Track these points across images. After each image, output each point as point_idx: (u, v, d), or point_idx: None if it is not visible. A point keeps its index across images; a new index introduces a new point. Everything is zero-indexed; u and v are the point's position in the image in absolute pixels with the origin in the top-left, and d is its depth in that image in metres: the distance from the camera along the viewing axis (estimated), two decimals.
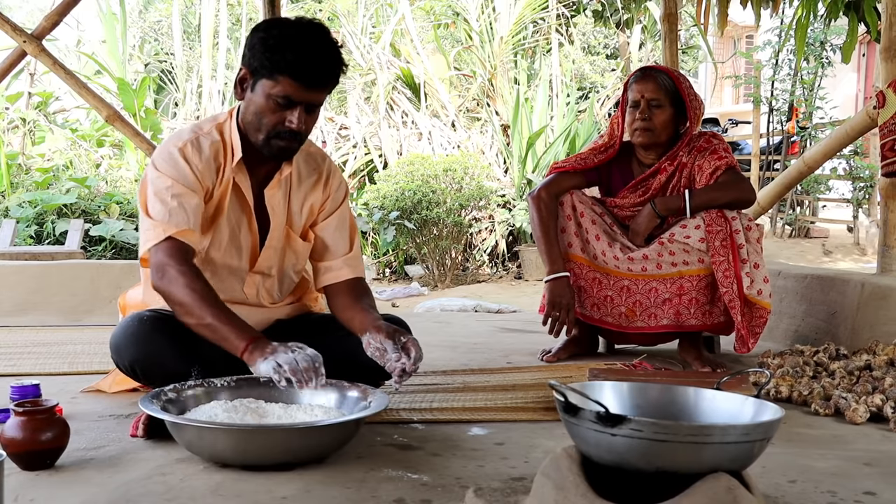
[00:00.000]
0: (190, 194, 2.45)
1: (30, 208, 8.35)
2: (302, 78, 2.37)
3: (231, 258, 2.62)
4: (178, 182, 2.45)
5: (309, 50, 2.37)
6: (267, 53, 2.37)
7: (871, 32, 5.33)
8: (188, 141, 2.51)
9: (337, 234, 2.70)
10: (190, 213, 2.43)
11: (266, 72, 2.38)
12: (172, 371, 2.37)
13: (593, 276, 3.51)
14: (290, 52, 2.35)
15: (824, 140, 5.40)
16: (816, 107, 12.35)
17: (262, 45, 2.39)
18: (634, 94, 3.49)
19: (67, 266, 5.05)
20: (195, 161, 2.48)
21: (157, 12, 16.27)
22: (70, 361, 3.55)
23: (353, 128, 11.96)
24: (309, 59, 2.36)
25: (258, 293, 2.69)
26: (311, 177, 2.67)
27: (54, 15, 5.44)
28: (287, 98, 2.38)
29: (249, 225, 2.60)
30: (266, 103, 2.40)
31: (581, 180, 3.62)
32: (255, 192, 2.59)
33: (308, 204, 2.67)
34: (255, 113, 2.43)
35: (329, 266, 2.68)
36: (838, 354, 3.38)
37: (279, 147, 2.45)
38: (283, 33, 2.39)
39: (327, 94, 2.49)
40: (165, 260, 2.37)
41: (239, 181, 2.55)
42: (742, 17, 11.97)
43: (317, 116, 2.50)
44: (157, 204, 2.44)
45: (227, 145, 2.54)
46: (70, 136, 10.92)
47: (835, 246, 11.66)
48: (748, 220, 3.38)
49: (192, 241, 2.43)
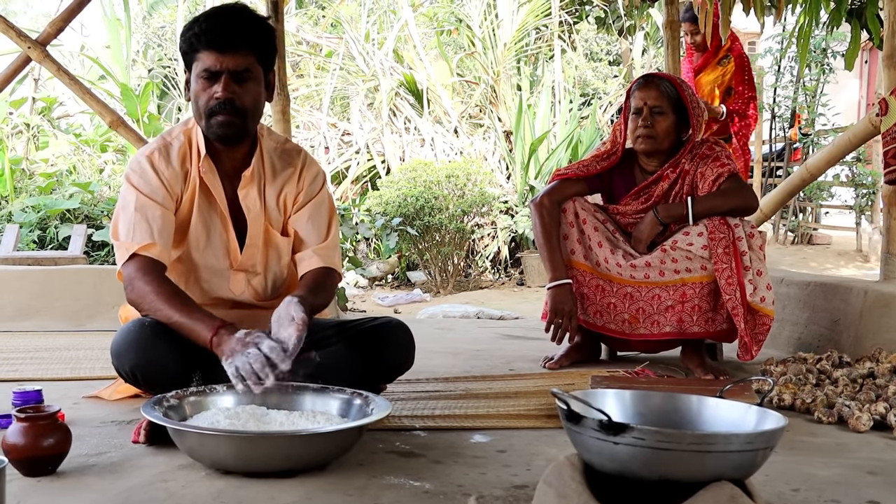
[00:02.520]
0: (153, 206, 2.52)
1: (33, 213, 8.35)
2: (212, 44, 2.43)
3: (211, 258, 2.65)
4: (143, 194, 2.52)
5: (215, 18, 2.47)
6: (184, 39, 2.49)
7: (873, 40, 5.33)
8: (156, 148, 2.59)
9: (310, 224, 2.69)
10: (153, 225, 2.50)
11: (190, 56, 2.48)
12: (174, 377, 2.37)
13: (596, 283, 3.51)
14: (197, 26, 2.46)
15: (827, 147, 5.39)
16: (819, 113, 12.34)
17: (181, 36, 2.51)
18: (637, 102, 3.49)
19: (70, 271, 5.06)
20: (162, 168, 2.55)
21: (160, 18, 16.28)
22: (72, 367, 3.55)
23: (356, 134, 11.97)
24: (216, 25, 2.45)
25: (246, 291, 2.70)
26: (286, 171, 2.69)
27: (59, 21, 5.45)
28: (208, 70, 2.45)
29: (224, 224, 2.63)
30: (197, 85, 2.48)
31: (583, 187, 3.62)
32: (231, 193, 2.62)
33: (283, 198, 2.69)
34: (194, 100, 2.51)
35: (302, 256, 2.69)
36: (841, 362, 3.37)
37: (219, 123, 2.48)
38: (194, 19, 2.51)
39: (255, 62, 2.51)
40: (133, 274, 2.46)
41: (208, 181, 2.59)
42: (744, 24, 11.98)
43: (254, 87, 2.53)
44: (122, 221, 2.53)
45: (192, 146, 2.59)
46: (73, 141, 10.94)
47: (837, 252, 11.64)
48: (751, 228, 3.37)
49: (156, 254, 2.49)
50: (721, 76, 5.65)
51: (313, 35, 13.75)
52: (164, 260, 2.51)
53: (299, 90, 12.63)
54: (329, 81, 12.32)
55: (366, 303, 9.23)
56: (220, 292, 2.67)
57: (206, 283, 2.66)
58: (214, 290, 2.67)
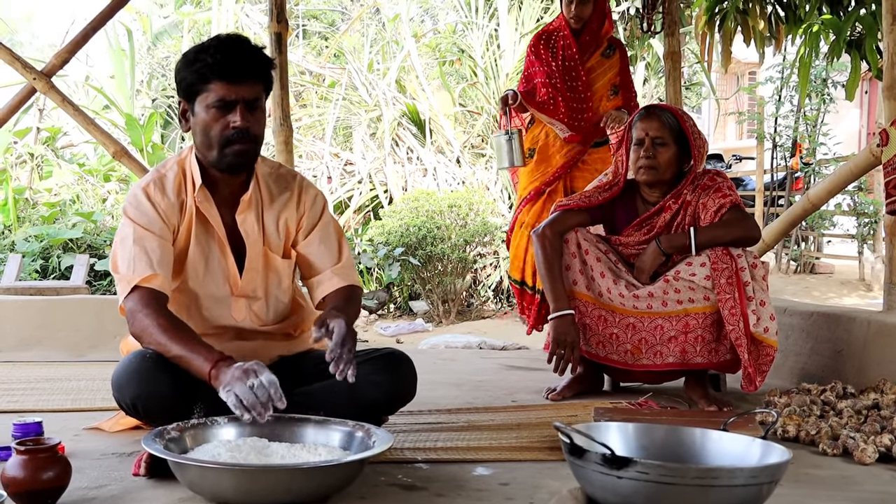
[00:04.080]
0: (151, 237, 2.53)
1: (36, 243, 8.37)
2: (227, 75, 2.47)
3: (211, 286, 2.66)
4: (140, 226, 2.54)
5: (226, 49, 2.50)
6: (191, 70, 2.49)
7: (872, 70, 5.35)
8: (151, 181, 2.61)
9: (322, 248, 2.73)
10: (152, 256, 2.51)
11: (197, 88, 2.50)
12: (174, 409, 2.37)
13: (598, 313, 3.50)
14: (209, 57, 2.47)
15: (828, 178, 5.40)
16: (820, 143, 12.38)
17: (185, 68, 2.52)
18: (638, 133, 3.50)
19: (72, 301, 5.06)
20: (158, 200, 2.58)
21: (165, 48, 16.37)
22: (73, 398, 3.54)
23: (359, 163, 12.00)
24: (228, 56, 2.48)
25: (248, 317, 2.71)
26: (283, 195, 2.71)
27: (64, 53, 5.49)
28: (222, 100, 2.48)
29: (222, 251, 2.65)
30: (207, 116, 2.49)
31: (585, 218, 3.62)
32: (229, 218, 2.64)
33: (283, 223, 2.71)
34: (203, 131, 2.52)
35: (320, 280, 2.72)
36: (845, 393, 3.36)
37: (235, 152, 2.52)
38: (199, 48, 2.53)
39: (262, 91, 2.57)
40: (135, 307, 2.48)
41: (204, 209, 2.61)
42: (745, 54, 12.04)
43: (262, 116, 2.58)
44: (122, 254, 2.54)
45: (187, 177, 2.61)
46: (77, 170, 10.97)
47: (840, 282, 11.63)
48: (753, 258, 3.37)
49: (157, 284, 2.50)
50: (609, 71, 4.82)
51: (316, 65, 13.82)
52: (165, 290, 2.52)
53: (302, 120, 12.68)
54: (332, 111, 12.38)
55: (368, 332, 9.22)
56: (222, 320, 2.68)
57: (208, 310, 2.67)
58: (216, 317, 2.68)
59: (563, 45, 4.78)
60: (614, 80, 4.86)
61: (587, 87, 4.76)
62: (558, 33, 4.82)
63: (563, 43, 4.78)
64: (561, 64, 4.75)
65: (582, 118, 4.70)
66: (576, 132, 4.67)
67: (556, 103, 4.68)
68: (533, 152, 4.80)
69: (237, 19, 13.70)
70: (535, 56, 4.85)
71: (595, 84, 4.80)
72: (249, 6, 14.66)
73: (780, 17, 5.86)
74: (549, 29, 4.90)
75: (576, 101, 4.71)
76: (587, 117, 4.71)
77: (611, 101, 4.76)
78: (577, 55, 4.75)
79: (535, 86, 4.78)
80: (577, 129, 4.68)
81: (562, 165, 4.72)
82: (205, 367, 2.30)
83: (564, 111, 4.67)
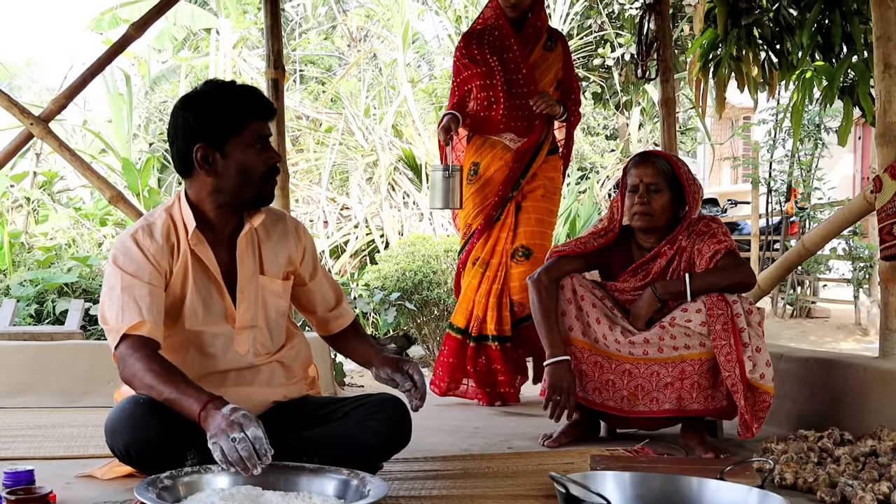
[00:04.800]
0: (139, 284, 2.53)
1: (31, 287, 8.34)
2: (262, 113, 2.60)
3: (210, 324, 2.67)
4: (128, 273, 2.54)
5: (252, 90, 2.63)
6: (223, 113, 2.54)
7: (866, 116, 5.40)
8: (139, 227, 2.63)
9: (327, 283, 2.91)
10: (141, 304, 2.51)
11: (233, 130, 2.54)
12: (168, 455, 2.36)
13: (594, 359, 3.49)
14: (241, 97, 2.57)
15: (823, 223, 5.42)
16: (814, 187, 12.44)
17: (212, 112, 2.55)
18: (633, 179, 3.52)
19: (66, 347, 5.03)
20: (147, 245, 2.58)
21: (162, 93, 16.49)
22: (66, 445, 3.51)
23: (355, 208, 12.03)
24: (259, 96, 2.62)
25: (252, 348, 2.71)
26: (277, 226, 2.80)
27: (62, 98, 5.51)
28: (262, 138, 2.59)
29: (219, 291, 2.67)
30: (247, 155, 2.56)
31: (581, 264, 3.63)
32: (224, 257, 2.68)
33: (283, 253, 2.78)
34: (241, 171, 2.57)
35: (338, 314, 2.92)
36: (843, 440, 3.34)
37: (272, 185, 2.66)
38: (217, 91, 2.60)
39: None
40: (125, 353, 2.49)
41: (199, 252, 2.63)
42: (739, 100, 12.14)
43: None
44: (110, 305, 2.54)
45: (177, 223, 2.63)
46: (73, 214, 10.98)
47: (836, 326, 11.62)
48: (749, 304, 3.37)
49: (146, 331, 2.50)
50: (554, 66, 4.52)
51: (313, 110, 13.90)
52: (155, 336, 2.52)
53: (299, 164, 12.73)
54: (329, 156, 12.42)
55: (364, 377, 9.16)
56: (227, 356, 2.68)
57: (211, 347, 2.66)
58: (220, 354, 2.67)
59: (500, 40, 4.36)
60: (559, 75, 4.50)
61: (531, 83, 4.35)
62: (493, 27, 4.39)
63: (499, 36, 4.35)
64: (500, 60, 4.31)
65: (526, 119, 4.37)
66: (522, 135, 4.35)
67: (496, 105, 4.31)
68: (477, 168, 4.42)
69: (234, 64, 13.80)
70: (469, 58, 4.39)
71: (541, 81, 4.40)
72: (247, 51, 14.78)
73: (774, 63, 5.92)
74: (479, 26, 4.48)
75: (519, 98, 4.35)
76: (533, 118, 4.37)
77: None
78: (518, 49, 4.34)
79: (468, 94, 4.42)
80: (522, 132, 4.35)
81: (503, 181, 4.37)
82: (194, 409, 2.31)
83: (506, 113, 4.31)
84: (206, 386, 2.47)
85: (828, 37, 5.49)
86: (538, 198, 4.47)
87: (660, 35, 5.56)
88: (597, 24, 14.30)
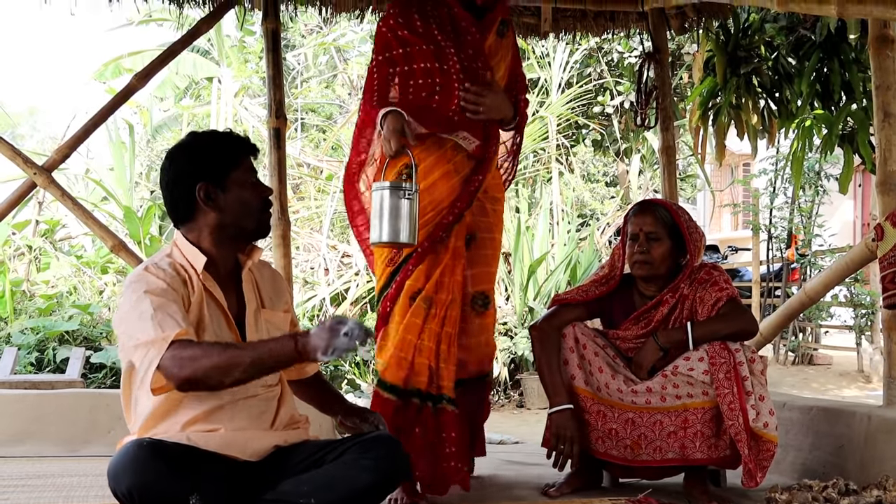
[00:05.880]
0: (169, 302, 2.53)
1: (32, 335, 8.34)
2: (250, 150, 2.76)
3: None
4: (156, 295, 2.53)
5: (232, 133, 2.80)
6: (218, 154, 2.70)
7: (866, 164, 5.42)
8: (148, 265, 2.65)
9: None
10: (176, 317, 2.51)
11: (229, 167, 2.69)
12: (170, 498, 2.37)
13: (597, 408, 3.48)
14: (231, 141, 2.74)
15: (824, 272, 5.43)
16: (815, 234, 12.47)
17: (208, 153, 2.71)
18: (633, 228, 3.54)
19: (66, 395, 5.01)
20: (163, 276, 2.61)
21: (164, 141, 16.59)
22: (65, 494, 3.49)
23: (356, 255, 12.04)
24: (241, 136, 2.79)
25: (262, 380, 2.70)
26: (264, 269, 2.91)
27: (65, 148, 5.54)
28: (255, 173, 2.75)
29: (228, 324, 2.70)
30: (244, 190, 2.70)
31: (583, 312, 3.63)
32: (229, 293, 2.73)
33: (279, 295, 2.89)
34: (241, 204, 2.70)
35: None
36: (847, 490, 3.31)
37: (267, 218, 2.79)
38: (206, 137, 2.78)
39: None
40: (176, 353, 2.42)
41: (210, 287, 2.67)
42: (739, 147, 12.21)
43: None
44: (142, 327, 2.48)
45: (183, 264, 2.67)
46: (75, 262, 11.00)
47: (839, 373, 11.58)
48: (752, 353, 3.37)
49: (189, 336, 2.49)
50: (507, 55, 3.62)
51: (314, 158, 13.97)
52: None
53: (300, 212, 12.77)
54: (329, 203, 12.46)
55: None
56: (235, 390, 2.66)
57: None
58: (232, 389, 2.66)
59: (450, 19, 3.42)
60: (510, 66, 3.62)
61: (491, 75, 3.46)
62: (437, 1, 3.42)
63: (449, 15, 3.41)
64: (453, 41, 3.37)
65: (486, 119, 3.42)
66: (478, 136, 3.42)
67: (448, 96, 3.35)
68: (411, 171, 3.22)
69: (236, 113, 13.91)
70: (409, 29, 3.35)
71: (497, 73, 3.51)
72: (248, 100, 14.89)
73: (773, 111, 5.96)
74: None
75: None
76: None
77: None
78: (476, 32, 3.43)
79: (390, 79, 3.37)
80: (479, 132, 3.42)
81: (452, 191, 3.37)
82: (288, 347, 2.40)
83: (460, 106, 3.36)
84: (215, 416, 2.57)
85: (827, 85, 5.53)
86: (491, 227, 3.56)
87: (659, 83, 5.60)
88: (596, 72, 14.41)
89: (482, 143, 3.42)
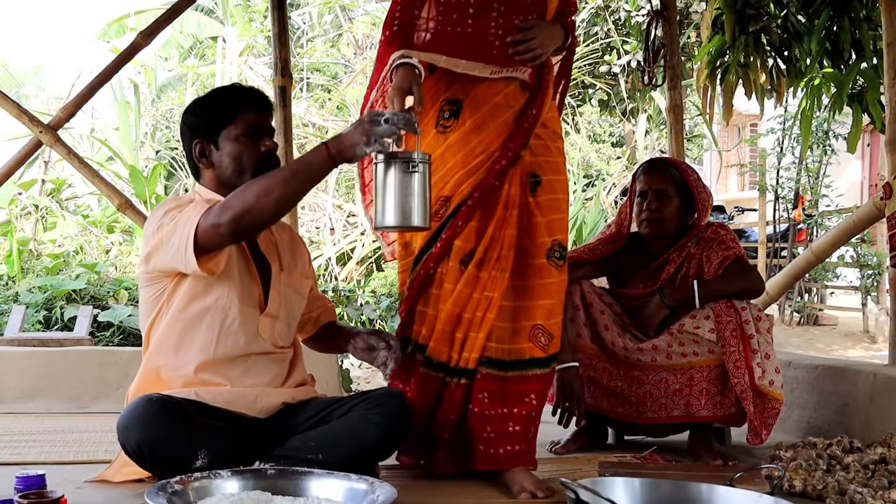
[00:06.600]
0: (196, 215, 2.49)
1: (39, 294, 8.37)
2: (256, 105, 2.70)
3: (246, 303, 2.69)
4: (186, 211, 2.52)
5: (241, 87, 2.78)
6: (215, 109, 2.68)
7: (875, 123, 5.39)
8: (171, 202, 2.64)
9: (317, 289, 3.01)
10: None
11: (224, 122, 2.66)
12: (179, 453, 2.38)
13: (603, 366, 3.49)
14: (234, 93, 2.72)
15: (832, 231, 5.42)
16: (822, 194, 12.41)
17: (205, 109, 2.71)
18: (642, 185, 3.53)
19: (75, 353, 5.04)
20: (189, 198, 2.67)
21: (169, 101, 16.54)
22: (75, 450, 3.52)
23: (361, 215, 12.04)
24: (253, 91, 2.74)
25: (271, 336, 2.74)
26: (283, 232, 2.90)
27: (70, 106, 5.53)
28: (253, 127, 2.67)
29: (250, 272, 2.71)
30: (238, 144, 2.65)
31: (590, 270, 3.63)
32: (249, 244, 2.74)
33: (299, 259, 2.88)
34: (234, 159, 2.66)
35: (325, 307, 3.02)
36: (852, 447, 3.33)
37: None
38: (213, 93, 2.78)
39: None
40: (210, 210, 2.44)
41: None
42: (746, 107, 12.12)
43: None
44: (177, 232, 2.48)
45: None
46: (81, 222, 11.01)
47: (844, 334, 11.59)
48: (758, 311, 3.37)
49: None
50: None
51: (320, 118, 13.92)
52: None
53: None
54: None
55: (370, 384, 9.18)
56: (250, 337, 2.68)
57: (241, 325, 2.66)
58: (245, 332, 2.67)
59: None
60: None
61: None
62: None
63: None
64: None
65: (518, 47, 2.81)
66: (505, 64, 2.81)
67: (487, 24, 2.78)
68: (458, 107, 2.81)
69: (241, 72, 13.83)
70: None
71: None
72: (253, 59, 14.81)
73: (782, 70, 5.91)
74: None
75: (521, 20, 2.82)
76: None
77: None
78: None
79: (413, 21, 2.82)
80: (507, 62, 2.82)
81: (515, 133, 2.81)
82: (321, 154, 2.39)
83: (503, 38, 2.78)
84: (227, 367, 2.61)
85: (836, 43, 5.47)
86: (558, 167, 2.96)
87: (667, 42, 5.56)
88: (603, 31, 14.30)
89: (536, 71, 2.90)
